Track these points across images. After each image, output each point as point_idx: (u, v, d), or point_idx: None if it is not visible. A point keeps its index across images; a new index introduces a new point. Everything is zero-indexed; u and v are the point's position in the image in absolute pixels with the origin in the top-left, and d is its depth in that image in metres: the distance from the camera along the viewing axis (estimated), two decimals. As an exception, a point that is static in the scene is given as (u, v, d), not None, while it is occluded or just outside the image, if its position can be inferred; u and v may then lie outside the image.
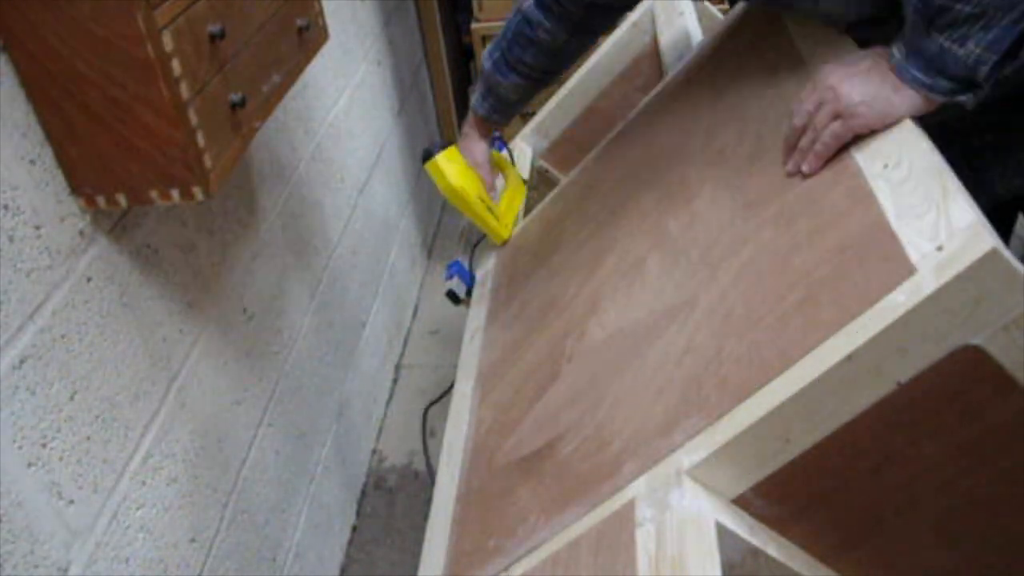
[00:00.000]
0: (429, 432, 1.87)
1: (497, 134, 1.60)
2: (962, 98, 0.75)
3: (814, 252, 0.75)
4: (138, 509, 0.94)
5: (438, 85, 2.59)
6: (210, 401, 1.11)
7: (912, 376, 0.65)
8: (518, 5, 1.26)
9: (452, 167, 1.33)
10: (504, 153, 1.54)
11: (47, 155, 0.79)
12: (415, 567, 0.98)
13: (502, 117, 1.38)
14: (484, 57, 1.33)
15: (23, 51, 0.73)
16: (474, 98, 1.37)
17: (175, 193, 0.80)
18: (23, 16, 0.71)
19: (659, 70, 1.47)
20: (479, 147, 1.38)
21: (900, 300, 0.63)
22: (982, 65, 0.72)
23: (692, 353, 0.81)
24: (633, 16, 1.59)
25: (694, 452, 0.72)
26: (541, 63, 1.27)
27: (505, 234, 1.43)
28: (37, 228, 0.79)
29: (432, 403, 1.43)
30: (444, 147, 1.33)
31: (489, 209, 1.38)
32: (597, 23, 1.26)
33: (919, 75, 0.75)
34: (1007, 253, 0.60)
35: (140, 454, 0.94)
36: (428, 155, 1.33)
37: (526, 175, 1.62)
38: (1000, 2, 0.69)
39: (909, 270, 0.64)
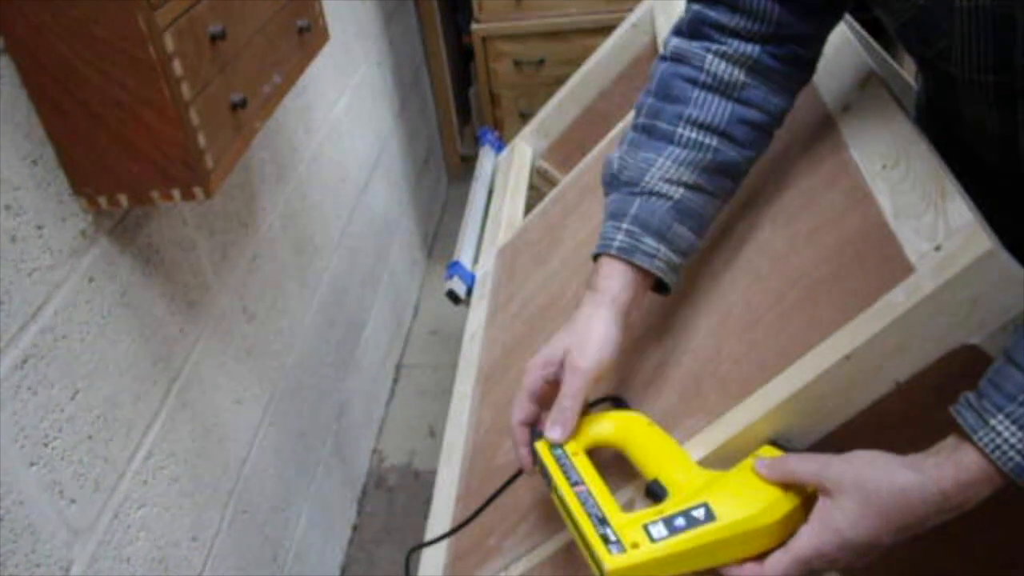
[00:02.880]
0: (429, 432, 1.87)
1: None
2: None
3: (813, 251, 0.75)
4: (139, 508, 0.94)
5: (438, 86, 2.60)
6: (211, 400, 1.11)
7: (911, 376, 0.65)
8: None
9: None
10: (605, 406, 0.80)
11: (49, 155, 0.79)
12: (415, 566, 0.98)
13: (682, 256, 0.75)
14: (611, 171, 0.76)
15: (25, 52, 0.74)
16: (607, 235, 0.74)
17: (176, 193, 0.81)
18: (25, 17, 0.71)
19: (659, 70, 1.47)
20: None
21: (899, 300, 0.63)
22: None
23: (691, 352, 0.81)
24: (633, 16, 1.59)
25: (693, 451, 0.72)
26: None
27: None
28: (39, 228, 0.79)
29: (414, 548, 0.93)
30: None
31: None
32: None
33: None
34: (1005, 253, 0.60)
35: (141, 453, 0.95)
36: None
37: (527, 175, 1.62)
38: None
39: (907, 270, 0.64)
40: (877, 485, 0.58)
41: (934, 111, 0.83)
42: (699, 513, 0.62)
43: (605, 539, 0.62)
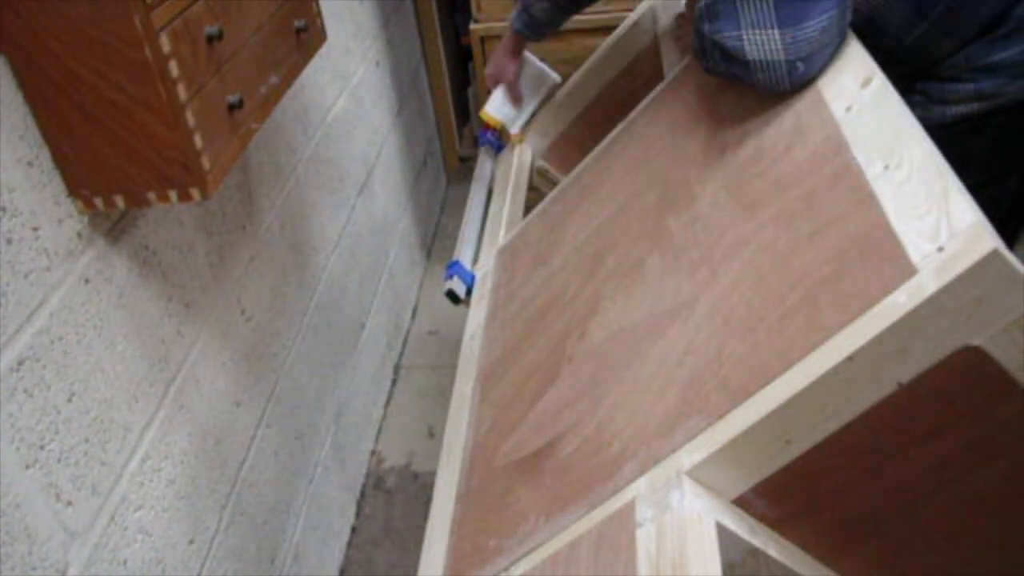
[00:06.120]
0: (428, 433, 1.87)
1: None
2: None
3: (815, 253, 0.75)
4: (136, 510, 0.94)
5: (437, 86, 2.59)
6: (208, 402, 1.11)
7: (913, 377, 0.64)
8: None
9: None
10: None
11: (45, 157, 0.79)
12: (415, 567, 0.98)
13: (534, 34, 1.55)
14: None
15: (21, 53, 0.73)
16: (512, 15, 1.55)
17: (173, 194, 0.80)
18: (20, 18, 0.71)
19: (659, 70, 1.47)
20: (509, 68, 1.61)
21: (901, 301, 0.63)
22: None
23: (693, 354, 0.81)
24: (633, 16, 1.59)
25: (695, 453, 0.71)
26: None
27: None
28: (35, 230, 0.78)
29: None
30: None
31: None
32: None
33: None
34: (1008, 254, 0.60)
35: (138, 455, 0.94)
36: None
37: (526, 175, 1.61)
38: None
39: (910, 271, 0.64)
40: None
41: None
42: None
43: None
